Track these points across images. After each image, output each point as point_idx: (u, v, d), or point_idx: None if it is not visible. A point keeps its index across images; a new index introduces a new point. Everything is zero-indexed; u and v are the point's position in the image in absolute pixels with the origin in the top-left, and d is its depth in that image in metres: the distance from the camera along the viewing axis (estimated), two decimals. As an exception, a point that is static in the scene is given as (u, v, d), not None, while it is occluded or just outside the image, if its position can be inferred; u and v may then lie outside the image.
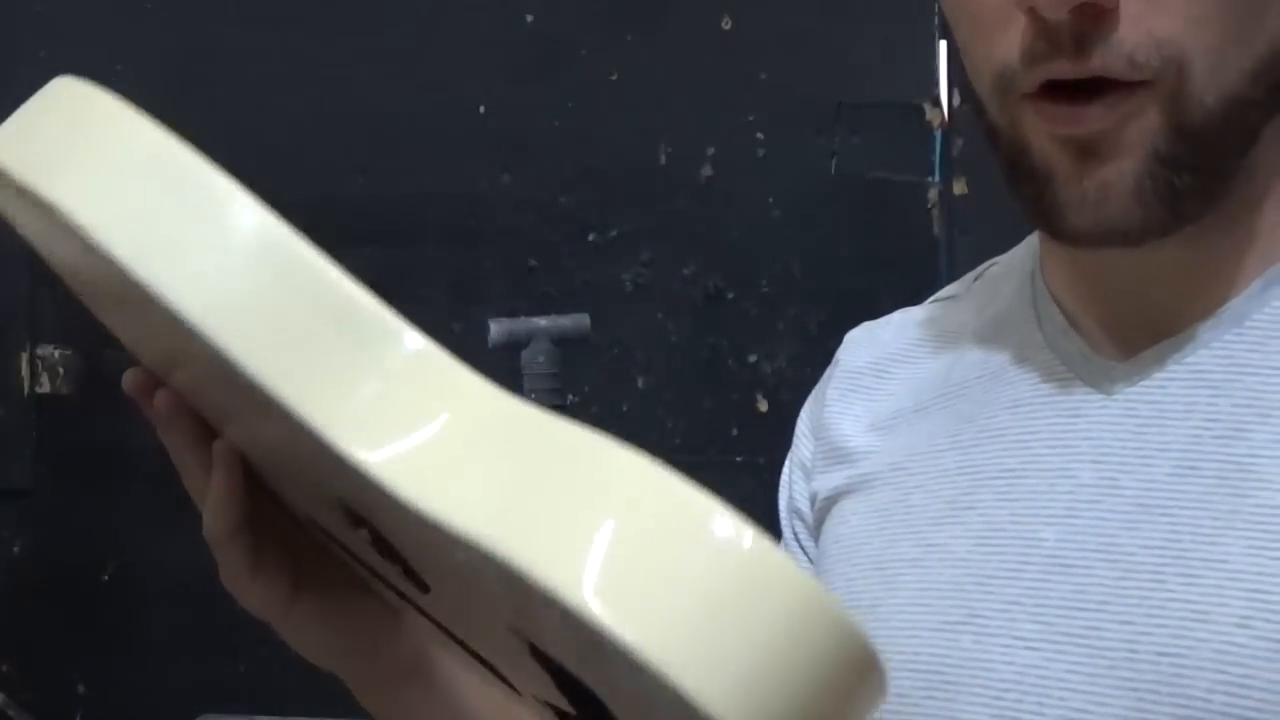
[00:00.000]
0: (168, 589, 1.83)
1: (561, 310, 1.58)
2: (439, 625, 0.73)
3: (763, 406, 1.75)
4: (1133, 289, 0.73)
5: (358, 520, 0.64)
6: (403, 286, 1.83)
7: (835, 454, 0.85)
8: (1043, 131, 0.68)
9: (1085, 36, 0.65)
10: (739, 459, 1.74)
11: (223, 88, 1.83)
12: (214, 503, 0.73)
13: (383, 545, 0.65)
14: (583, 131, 1.79)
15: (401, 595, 0.73)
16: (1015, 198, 0.72)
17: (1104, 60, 0.66)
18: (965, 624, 0.73)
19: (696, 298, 1.77)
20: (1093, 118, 0.67)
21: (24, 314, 1.86)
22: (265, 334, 0.59)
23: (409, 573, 0.66)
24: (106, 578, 1.86)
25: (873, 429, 0.84)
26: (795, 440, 0.90)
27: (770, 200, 1.76)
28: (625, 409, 1.75)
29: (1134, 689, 0.67)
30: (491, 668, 0.70)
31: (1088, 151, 0.67)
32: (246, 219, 0.60)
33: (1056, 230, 0.70)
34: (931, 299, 0.89)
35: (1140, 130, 0.66)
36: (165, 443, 0.74)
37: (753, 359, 1.76)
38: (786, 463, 0.90)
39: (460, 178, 1.81)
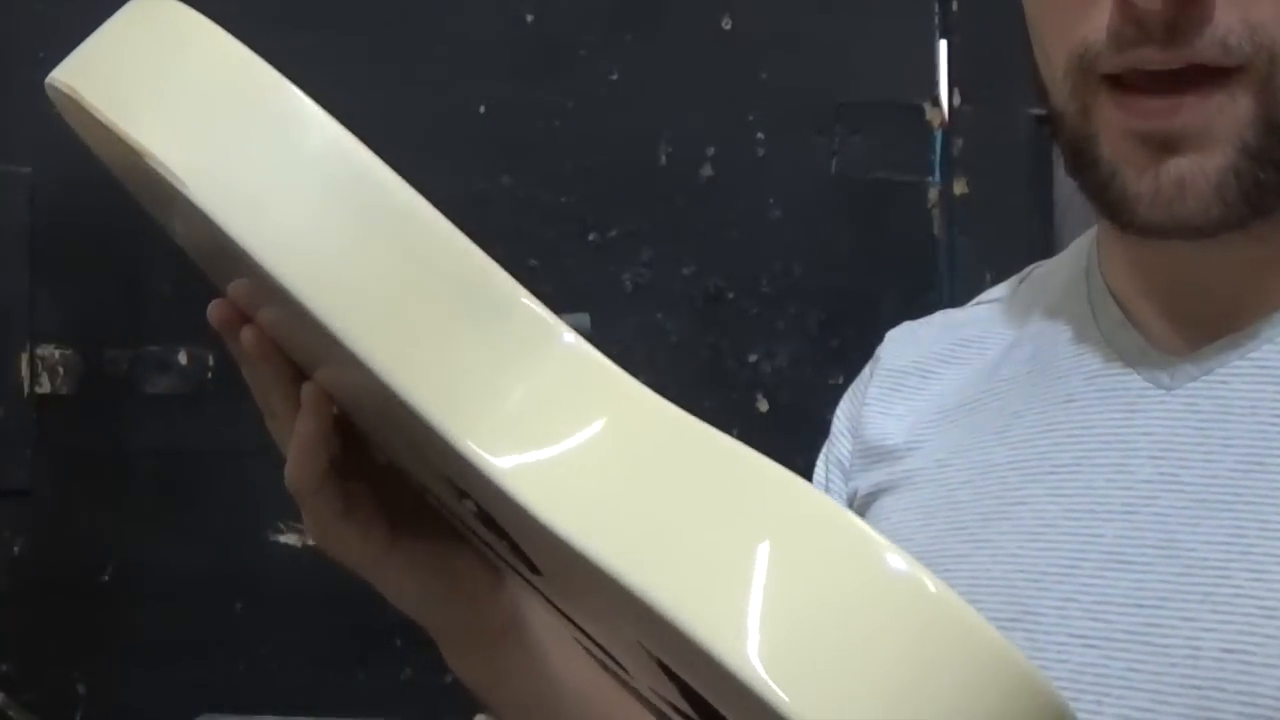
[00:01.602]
0: (168, 589, 1.83)
1: (561, 310, 1.58)
2: (548, 600, 0.67)
3: (763, 406, 1.75)
4: (1196, 283, 0.72)
5: (463, 493, 0.59)
6: (403, 286, 1.83)
7: (875, 453, 0.83)
8: (1116, 123, 0.67)
9: (1177, 23, 0.63)
10: (739, 459, 1.74)
11: (223, 88, 1.82)
12: (299, 449, 0.68)
13: (489, 522, 0.59)
14: (583, 131, 1.79)
15: (503, 559, 0.67)
16: (1079, 185, 0.70)
17: (1196, 48, 0.63)
18: (1017, 621, 0.71)
19: (696, 298, 1.77)
20: (1185, 110, 0.65)
21: (24, 314, 1.86)
22: (387, 314, 0.52)
23: (516, 550, 0.60)
24: (106, 578, 1.85)
25: (915, 427, 0.82)
26: (832, 437, 0.88)
27: (770, 200, 1.76)
28: (625, 409, 1.75)
29: (1197, 687, 0.65)
30: (605, 650, 0.64)
31: (1168, 146, 0.65)
32: (373, 179, 0.53)
33: (1125, 222, 0.68)
34: (974, 301, 0.87)
35: (1231, 122, 0.65)
36: (249, 379, 0.69)
37: (753, 359, 1.76)
38: (821, 458, 0.89)
39: (460, 178, 1.81)
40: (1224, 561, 0.67)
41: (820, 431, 0.89)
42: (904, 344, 0.87)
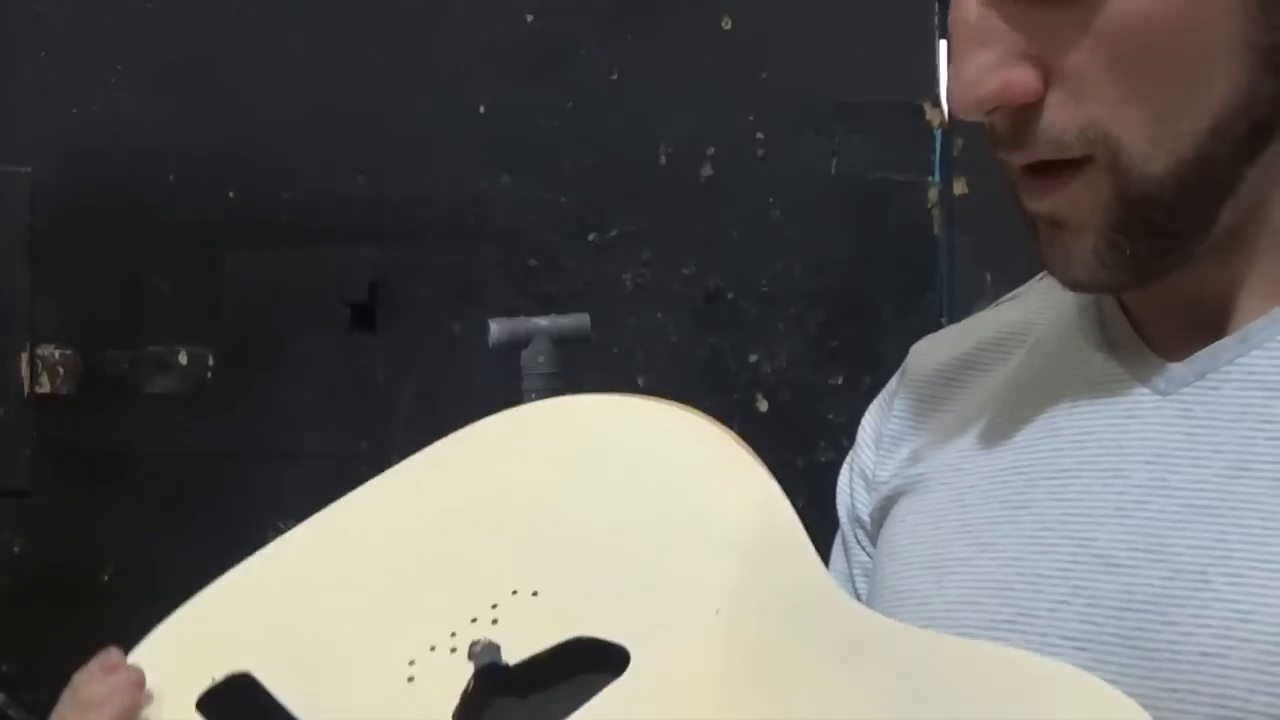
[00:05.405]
0: (168, 589, 1.83)
1: (561, 310, 1.58)
2: None
3: (763, 406, 1.75)
4: (1185, 293, 0.73)
5: None
6: (403, 286, 1.83)
7: (903, 463, 0.85)
8: (1022, 202, 0.73)
9: (1016, 128, 0.70)
10: (739, 459, 1.74)
11: (223, 88, 1.82)
12: None
13: None
14: (583, 131, 1.79)
15: None
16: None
17: (1038, 148, 0.70)
18: (1013, 623, 0.73)
19: (696, 298, 1.77)
20: (1052, 195, 0.71)
21: (24, 314, 1.86)
22: None
23: None
24: (106, 578, 1.86)
25: (940, 434, 0.83)
26: (857, 446, 0.90)
27: (770, 200, 1.76)
28: (625, 409, 1.75)
29: (1175, 690, 0.67)
30: None
31: (1053, 222, 0.71)
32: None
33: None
34: (996, 302, 0.89)
35: (1090, 205, 0.70)
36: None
37: (753, 359, 1.76)
38: (846, 467, 0.90)
39: (460, 178, 1.81)
40: (1205, 566, 0.68)
41: (820, 431, 0.89)
42: (929, 352, 0.89)
